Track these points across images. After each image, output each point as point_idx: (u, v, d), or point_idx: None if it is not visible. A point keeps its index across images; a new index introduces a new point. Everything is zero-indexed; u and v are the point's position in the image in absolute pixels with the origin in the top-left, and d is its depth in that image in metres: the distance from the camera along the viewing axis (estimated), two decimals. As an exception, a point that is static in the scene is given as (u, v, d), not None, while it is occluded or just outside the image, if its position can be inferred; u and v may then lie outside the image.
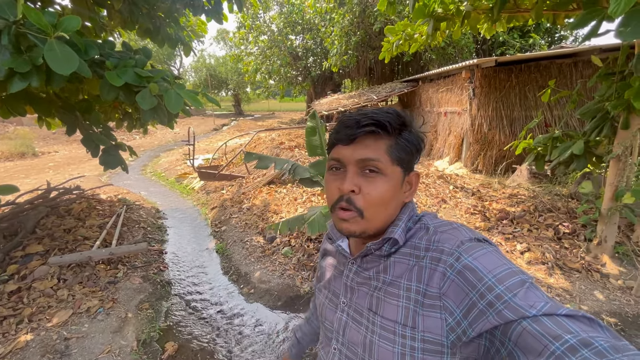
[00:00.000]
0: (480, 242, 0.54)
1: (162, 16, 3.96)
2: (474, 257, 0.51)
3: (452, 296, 0.52)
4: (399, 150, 0.60)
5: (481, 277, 0.49)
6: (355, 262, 0.67)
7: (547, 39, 11.90)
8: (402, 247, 0.61)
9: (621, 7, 1.79)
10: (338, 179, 0.60)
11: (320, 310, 0.75)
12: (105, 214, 4.57)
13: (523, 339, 0.44)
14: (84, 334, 2.51)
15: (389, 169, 0.59)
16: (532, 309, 0.44)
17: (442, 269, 0.53)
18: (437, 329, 0.52)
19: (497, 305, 0.46)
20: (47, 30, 1.71)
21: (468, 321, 0.49)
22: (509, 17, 3.69)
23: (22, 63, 1.71)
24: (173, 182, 7.37)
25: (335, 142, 0.62)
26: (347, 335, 0.64)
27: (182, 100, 2.15)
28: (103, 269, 3.30)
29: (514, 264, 0.51)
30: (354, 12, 10.33)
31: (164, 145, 13.36)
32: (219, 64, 26.38)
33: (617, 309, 2.78)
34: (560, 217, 3.98)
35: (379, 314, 0.59)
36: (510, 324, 0.45)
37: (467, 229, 0.58)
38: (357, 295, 0.64)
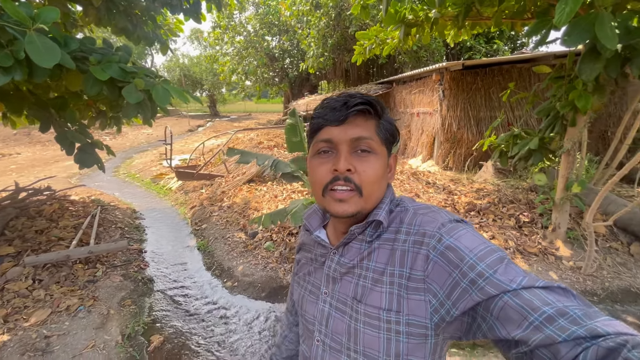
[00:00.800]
0: (459, 222, 0.56)
1: (139, 14, 3.95)
2: (455, 238, 0.53)
3: (435, 278, 0.52)
4: (385, 131, 0.62)
5: (463, 257, 0.50)
6: (337, 251, 0.66)
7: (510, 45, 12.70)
8: (384, 232, 0.61)
9: (564, 18, 2.06)
10: (329, 161, 0.60)
11: (299, 304, 0.74)
12: (80, 215, 4.45)
13: (504, 312, 0.45)
14: (65, 331, 2.49)
15: (379, 148, 0.60)
16: (512, 283, 0.46)
17: (425, 251, 0.54)
18: (422, 312, 0.53)
19: (479, 282, 0.48)
20: (26, 23, 1.73)
21: (451, 301, 0.50)
22: (472, 24, 4.01)
23: (4, 57, 1.72)
24: (149, 183, 7.22)
25: (323, 124, 0.61)
26: (330, 326, 0.64)
27: (170, 95, 2.21)
28: (81, 269, 3.25)
29: (490, 242, 0.53)
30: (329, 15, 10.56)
31: (136, 146, 12.95)
32: (193, 64, 25.82)
33: (568, 286, 3.10)
34: (521, 207, 4.34)
35: (363, 302, 0.59)
36: (492, 299, 0.46)
37: (445, 211, 0.59)
38: (341, 285, 0.64)
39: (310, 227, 0.73)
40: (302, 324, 0.73)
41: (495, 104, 6.53)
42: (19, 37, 1.73)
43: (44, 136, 13.23)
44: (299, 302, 0.74)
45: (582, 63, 2.59)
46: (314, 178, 0.62)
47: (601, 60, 2.53)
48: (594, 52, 2.54)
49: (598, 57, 2.52)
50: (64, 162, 9.48)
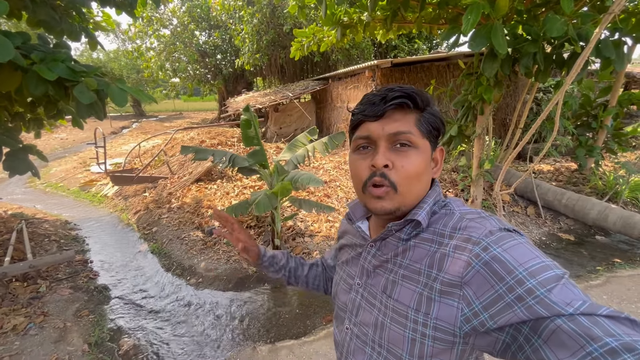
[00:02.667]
0: (510, 232, 0.52)
1: (62, 6, 3.62)
2: (503, 248, 0.49)
3: (473, 287, 0.50)
4: (427, 124, 0.59)
5: (511, 270, 0.47)
6: (374, 245, 0.66)
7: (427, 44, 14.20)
8: (423, 231, 0.60)
9: (468, 27, 2.59)
10: (367, 157, 0.59)
11: (334, 290, 0.76)
12: (1, 231, 3.94)
13: (556, 336, 0.42)
14: (17, 351, 2.31)
15: (420, 142, 0.58)
16: (568, 307, 0.42)
17: (467, 257, 0.51)
18: (451, 318, 0.52)
19: (528, 300, 0.44)
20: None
21: (489, 313, 0.48)
22: (398, 27, 4.57)
23: None
24: (77, 191, 6.52)
25: (362, 120, 0.61)
26: (359, 316, 0.64)
27: (127, 94, 2.19)
28: (20, 286, 2.96)
29: (547, 257, 0.48)
30: (263, 13, 10.58)
31: (50, 153, 11.36)
32: (110, 59, 23.25)
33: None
34: (446, 186, 5.10)
35: (392, 297, 0.58)
36: (541, 321, 0.43)
37: (496, 219, 0.55)
38: (373, 278, 0.64)
39: (353, 216, 0.74)
40: (335, 309, 0.74)
41: (420, 97, 7.38)
42: (-45, 32, 1.60)
43: None
44: (335, 288, 0.76)
45: (484, 63, 3.23)
46: (353, 174, 0.62)
47: (497, 60, 3.19)
48: (492, 54, 3.18)
49: (495, 58, 3.17)
50: (-45, 176, 7.97)
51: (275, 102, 9.58)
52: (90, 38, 4.10)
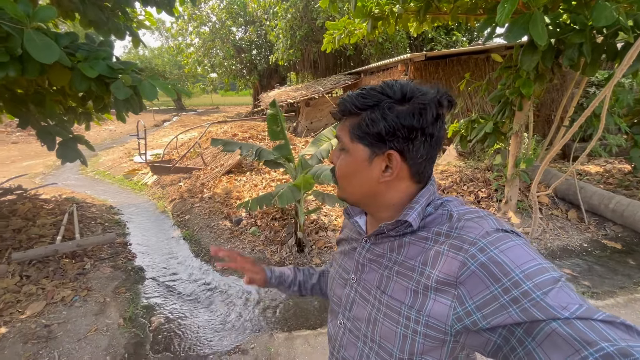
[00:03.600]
0: (507, 233, 0.52)
1: (109, 6, 3.91)
2: (500, 250, 0.49)
3: (468, 286, 0.50)
4: (361, 127, 0.59)
5: (507, 272, 0.47)
6: (369, 239, 0.67)
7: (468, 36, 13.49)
8: (418, 230, 0.60)
9: (503, 17, 2.44)
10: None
11: (329, 284, 0.77)
12: (56, 213, 4.38)
13: (551, 340, 0.42)
14: (64, 319, 2.58)
15: (350, 145, 0.61)
16: (564, 311, 0.42)
17: (463, 258, 0.51)
18: (443, 317, 0.52)
19: (523, 303, 0.44)
20: (24, 20, 1.80)
21: (482, 313, 0.48)
22: (433, 18, 4.39)
23: (0, 54, 1.79)
24: (121, 179, 7.07)
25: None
26: (353, 311, 0.66)
27: (156, 90, 2.34)
28: (69, 263, 3.29)
29: (544, 259, 0.48)
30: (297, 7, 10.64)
31: (99, 144, 12.36)
32: (155, 55, 24.64)
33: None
34: (479, 185, 4.87)
35: (387, 293, 0.59)
36: (536, 324, 0.43)
37: (494, 219, 0.55)
38: (367, 273, 0.65)
39: (351, 211, 0.75)
40: (330, 304, 0.76)
41: (455, 92, 7.05)
42: (14, 34, 1.80)
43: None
44: (330, 283, 0.77)
45: (523, 55, 3.03)
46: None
47: (538, 52, 2.97)
48: (532, 45, 2.97)
49: (535, 50, 2.96)
50: (22, 162, 8.94)
51: (307, 96, 9.65)
52: (133, 36, 4.39)
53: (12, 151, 10.62)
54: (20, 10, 1.75)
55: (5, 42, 1.83)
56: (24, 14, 1.76)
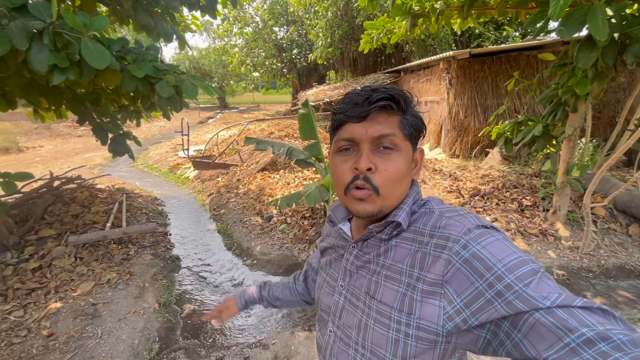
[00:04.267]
0: (487, 229, 0.53)
1: (159, 12, 4.19)
2: (482, 245, 0.50)
3: (454, 284, 0.50)
4: (409, 126, 0.59)
5: (490, 266, 0.47)
6: (356, 245, 0.66)
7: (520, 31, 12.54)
8: (404, 231, 0.60)
9: (557, 11, 2.22)
10: (350, 159, 0.59)
11: (317, 293, 0.76)
12: (108, 202, 4.80)
13: (535, 330, 0.43)
14: (109, 300, 2.83)
15: (403, 144, 0.58)
16: (545, 301, 0.43)
17: (447, 256, 0.52)
18: (434, 317, 0.52)
19: (507, 296, 0.45)
20: (81, 30, 1.99)
21: (471, 310, 0.48)
22: (478, 14, 4.13)
23: (62, 59, 1.99)
24: (166, 172, 7.58)
25: (345, 121, 0.59)
26: (343, 319, 0.64)
27: (197, 89, 2.47)
28: (115, 248, 3.59)
29: (523, 252, 0.49)
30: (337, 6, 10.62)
31: (150, 138, 13.35)
32: (202, 56, 26.05)
33: (566, 264, 3.32)
34: (524, 192, 4.52)
35: (376, 298, 0.58)
36: (520, 315, 0.44)
37: (474, 216, 0.56)
38: (355, 279, 0.64)
39: (334, 218, 0.73)
40: (318, 312, 0.74)
41: (502, 91, 6.62)
42: (73, 41, 1.99)
43: (63, 130, 13.74)
44: (317, 291, 0.75)
45: (579, 52, 2.74)
46: (335, 176, 0.61)
47: (597, 48, 2.68)
48: (591, 40, 2.68)
49: (594, 46, 2.67)
50: (84, 154, 9.94)
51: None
52: (180, 39, 4.66)
53: (77, 144, 11.84)
54: (79, 21, 1.93)
55: (66, 49, 2.03)
56: (81, 24, 1.94)
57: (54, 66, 1.99)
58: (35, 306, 2.73)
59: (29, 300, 2.79)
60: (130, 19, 3.79)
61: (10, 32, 1.75)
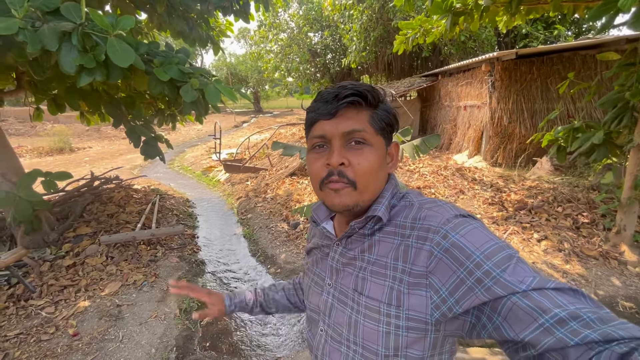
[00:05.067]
0: (465, 217, 0.54)
1: (194, 17, 4.27)
2: (461, 234, 0.51)
3: (438, 274, 0.52)
4: (380, 120, 0.60)
5: (469, 254, 0.49)
6: (340, 243, 0.66)
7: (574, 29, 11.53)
8: (386, 225, 0.61)
9: (630, 0, 1.89)
10: (323, 156, 0.60)
11: (306, 294, 0.76)
12: (142, 202, 4.96)
13: (513, 313, 0.44)
14: (133, 302, 2.84)
15: (374, 138, 0.59)
16: (521, 284, 0.45)
17: (429, 247, 0.53)
18: (422, 307, 0.53)
19: (486, 282, 0.47)
20: (109, 30, 1.99)
21: (455, 298, 0.50)
22: (528, 10, 3.75)
23: (89, 60, 2.00)
24: (199, 175, 7.77)
25: (316, 118, 0.61)
26: (332, 317, 0.65)
27: (220, 93, 2.41)
28: (144, 249, 3.65)
29: (499, 238, 0.51)
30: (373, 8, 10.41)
31: (187, 141, 13.93)
32: (239, 62, 26.97)
33: (634, 293, 2.84)
34: (579, 207, 4.01)
35: (364, 294, 0.59)
36: (499, 300, 0.45)
37: (452, 206, 0.58)
38: (342, 277, 0.64)
39: (317, 218, 0.73)
40: (308, 313, 0.74)
41: (553, 95, 6.03)
42: (101, 42, 2.00)
43: (111, 132, 14.76)
44: (306, 292, 0.76)
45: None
46: (311, 173, 0.63)
47: (680, 43, 2.26)
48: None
49: (677, 40, 2.26)
50: (127, 155, 10.55)
51: (377, 100, 9.35)
52: (214, 44, 4.72)
53: (122, 145, 12.61)
54: (106, 21, 1.93)
55: (93, 50, 2.04)
56: (108, 24, 1.94)
57: (82, 67, 1.99)
58: (66, 303, 2.80)
59: (61, 297, 2.87)
60: (166, 25, 3.89)
61: (42, 34, 1.77)
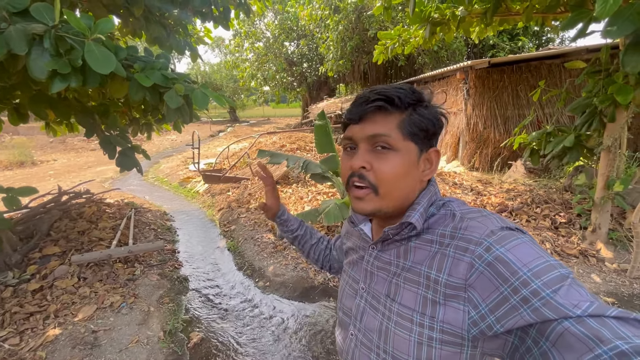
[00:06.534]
0: (512, 231, 0.51)
1: (172, 23, 4.13)
2: (506, 248, 0.48)
3: (478, 289, 0.49)
4: (411, 125, 0.58)
5: (515, 271, 0.46)
6: (376, 246, 0.66)
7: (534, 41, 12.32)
8: (424, 233, 0.59)
9: (607, 9, 2.00)
10: (351, 158, 0.61)
11: (339, 296, 0.75)
12: (116, 217, 4.65)
13: (564, 339, 0.41)
14: (110, 326, 2.60)
15: (401, 144, 0.57)
16: (576, 309, 0.41)
17: (469, 259, 0.50)
18: (458, 322, 0.50)
19: (534, 302, 0.43)
20: (85, 33, 1.85)
21: (495, 316, 0.47)
22: (500, 20, 3.94)
23: (63, 65, 1.84)
24: (177, 186, 7.46)
25: (348, 122, 0.62)
26: (364, 322, 0.63)
27: (208, 98, 2.30)
28: (121, 268, 3.40)
29: (551, 257, 0.47)
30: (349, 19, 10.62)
31: (162, 152, 13.41)
32: (214, 71, 26.55)
33: (614, 289, 2.97)
34: (556, 208, 4.19)
35: (396, 301, 0.58)
36: (549, 323, 0.42)
37: (498, 217, 0.54)
38: (376, 281, 0.63)
39: (355, 219, 0.73)
40: (339, 315, 0.73)
41: (523, 102, 6.35)
42: (77, 46, 1.85)
43: (77, 144, 13.94)
44: (340, 293, 0.74)
45: (626, 55, 2.48)
46: (341, 173, 0.65)
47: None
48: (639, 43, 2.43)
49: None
50: (96, 167, 9.96)
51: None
52: (192, 51, 4.58)
53: (90, 157, 11.93)
54: (83, 24, 1.79)
55: (69, 54, 1.89)
56: (86, 27, 1.80)
57: (55, 73, 1.83)
58: (33, 333, 2.52)
59: (27, 325, 2.58)
60: (143, 30, 3.72)
61: (9, 36, 1.60)
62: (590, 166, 4.32)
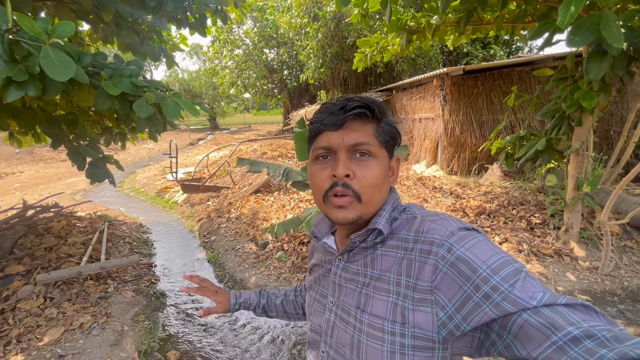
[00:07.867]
0: (469, 231, 0.53)
1: (145, 30, 4.01)
2: (466, 248, 0.50)
3: (444, 290, 0.50)
4: (384, 134, 0.60)
5: (475, 268, 0.47)
6: (342, 257, 0.65)
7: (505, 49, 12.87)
8: (388, 239, 0.60)
9: (567, 20, 2.09)
10: (327, 167, 0.59)
11: (307, 313, 0.73)
12: (87, 231, 4.42)
13: (524, 330, 0.43)
14: (79, 350, 2.44)
15: (379, 152, 0.59)
16: (532, 300, 0.43)
17: (433, 261, 0.52)
18: (428, 325, 0.51)
19: (494, 297, 0.45)
20: (41, 37, 1.73)
21: (462, 315, 0.48)
22: (473, 29, 4.08)
23: (18, 72, 1.72)
24: (154, 197, 7.20)
25: (321, 129, 0.59)
26: (335, 337, 0.62)
27: (180, 108, 2.22)
28: (92, 285, 3.21)
29: (505, 252, 0.50)
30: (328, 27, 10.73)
31: (138, 161, 12.97)
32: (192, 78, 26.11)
33: (587, 287, 3.08)
34: (531, 209, 4.33)
35: (366, 312, 0.57)
36: (509, 317, 0.44)
37: (455, 219, 0.57)
38: (345, 293, 0.62)
39: (318, 233, 0.72)
40: (309, 333, 0.72)
41: (497, 107, 6.58)
42: (34, 52, 1.73)
43: (46, 154, 13.27)
44: (308, 311, 0.73)
45: (589, 63, 2.61)
46: (314, 184, 0.61)
47: (607, 59, 2.56)
48: (600, 51, 2.56)
49: (604, 56, 2.55)
50: (67, 179, 9.50)
51: (336, 114, 9.51)
52: (167, 57, 4.47)
53: (60, 169, 11.37)
54: (38, 27, 1.68)
55: (26, 61, 1.78)
56: (42, 31, 1.69)
57: (10, 80, 1.71)
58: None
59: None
60: (114, 37, 3.59)
61: (-42, 43, 1.49)
62: (561, 168, 4.49)
